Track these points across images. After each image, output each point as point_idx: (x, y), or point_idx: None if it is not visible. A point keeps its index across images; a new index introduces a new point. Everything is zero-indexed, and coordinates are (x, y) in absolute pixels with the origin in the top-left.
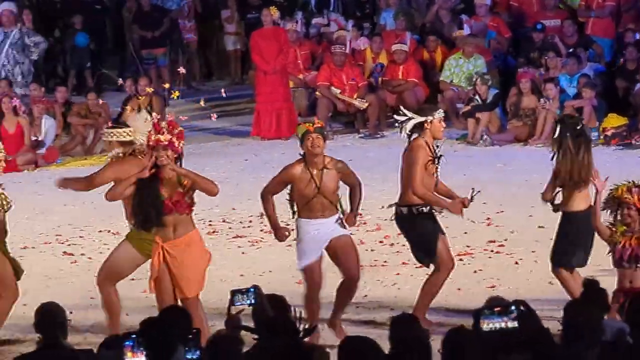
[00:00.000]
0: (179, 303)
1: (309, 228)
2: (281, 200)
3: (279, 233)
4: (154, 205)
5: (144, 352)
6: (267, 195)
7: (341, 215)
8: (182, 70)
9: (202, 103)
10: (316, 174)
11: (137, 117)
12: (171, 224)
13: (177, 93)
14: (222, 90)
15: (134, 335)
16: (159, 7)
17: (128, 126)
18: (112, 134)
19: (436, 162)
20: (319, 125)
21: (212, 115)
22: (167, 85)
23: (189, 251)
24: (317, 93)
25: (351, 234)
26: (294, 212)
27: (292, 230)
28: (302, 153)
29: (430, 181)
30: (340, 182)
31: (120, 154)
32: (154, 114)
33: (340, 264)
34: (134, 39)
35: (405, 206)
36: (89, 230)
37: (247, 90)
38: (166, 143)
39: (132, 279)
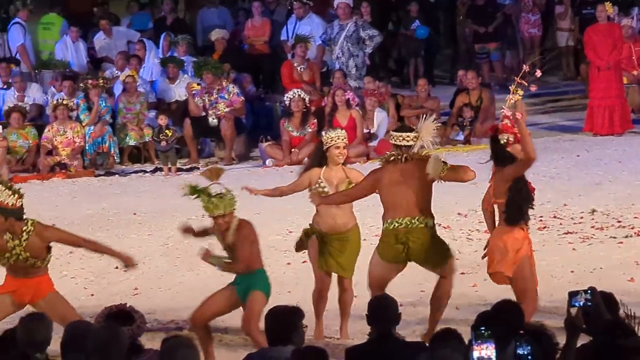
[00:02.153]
0: None
1: None
2: None
3: None
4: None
5: (493, 345)
6: None
7: None
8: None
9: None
10: None
11: (428, 120)
12: None
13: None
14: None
15: (482, 328)
16: (492, 2)
17: (413, 130)
18: (395, 137)
19: None
20: None
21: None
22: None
23: None
24: None
25: None
26: None
27: None
28: None
29: None
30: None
31: (392, 157)
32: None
33: None
34: (466, 33)
35: None
36: None
37: (579, 86)
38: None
39: (462, 273)
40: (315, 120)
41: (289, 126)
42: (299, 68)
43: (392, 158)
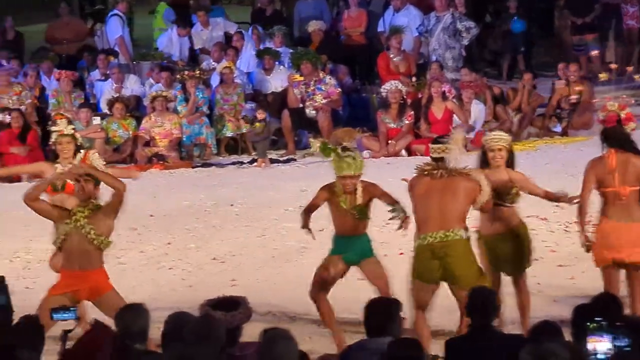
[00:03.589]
0: None
1: None
2: None
3: None
4: None
5: (609, 337)
6: None
7: None
8: (613, 66)
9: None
10: None
11: (458, 131)
12: None
13: (605, 75)
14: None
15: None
16: None
17: (445, 142)
18: (431, 149)
19: None
20: None
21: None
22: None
23: None
24: None
25: None
26: None
27: None
28: None
29: None
30: None
31: (426, 171)
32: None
33: None
34: (562, 25)
35: None
36: None
37: None
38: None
39: (560, 265)
40: (412, 112)
41: (385, 118)
42: (395, 59)
43: (426, 172)
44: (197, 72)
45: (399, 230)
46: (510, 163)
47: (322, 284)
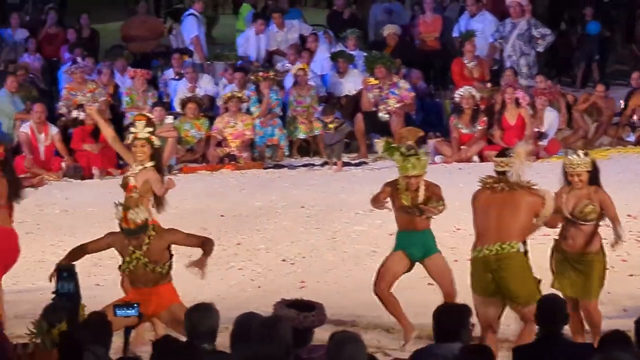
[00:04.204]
0: None
1: None
2: None
3: None
4: None
5: None
6: None
7: None
8: None
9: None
10: None
11: (522, 144)
12: None
13: None
14: None
15: None
16: None
17: (508, 156)
18: (495, 163)
19: None
20: None
21: None
22: None
23: None
24: None
25: None
26: None
27: None
28: None
29: None
30: None
31: (488, 185)
32: None
33: None
34: None
35: None
36: None
37: None
38: None
39: (631, 275)
40: (485, 118)
41: (458, 123)
42: (469, 65)
43: (488, 185)
44: (271, 73)
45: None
46: (594, 179)
47: (385, 279)
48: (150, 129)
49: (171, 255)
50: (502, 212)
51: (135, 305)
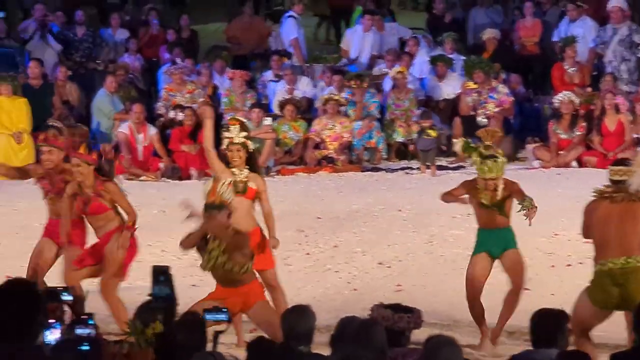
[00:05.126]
0: None
1: None
2: None
3: None
4: None
5: None
6: None
7: None
8: None
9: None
10: None
11: None
12: None
13: None
14: None
15: None
16: None
17: (627, 165)
18: (611, 172)
19: None
20: None
21: None
22: None
23: None
24: None
25: None
26: None
27: None
28: None
29: None
30: None
31: (605, 194)
32: None
33: None
34: None
35: None
36: None
37: None
38: None
39: None
40: (584, 124)
41: (557, 128)
42: (569, 70)
43: (606, 195)
44: (365, 83)
45: (525, 220)
46: None
47: (472, 285)
48: (245, 134)
49: (252, 256)
50: (622, 224)
51: (225, 310)
